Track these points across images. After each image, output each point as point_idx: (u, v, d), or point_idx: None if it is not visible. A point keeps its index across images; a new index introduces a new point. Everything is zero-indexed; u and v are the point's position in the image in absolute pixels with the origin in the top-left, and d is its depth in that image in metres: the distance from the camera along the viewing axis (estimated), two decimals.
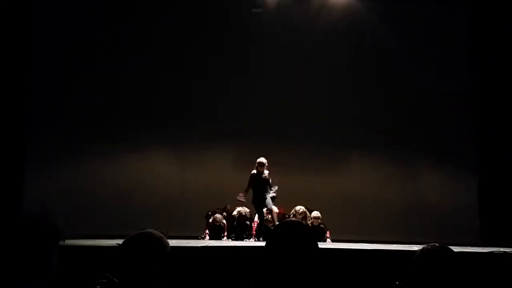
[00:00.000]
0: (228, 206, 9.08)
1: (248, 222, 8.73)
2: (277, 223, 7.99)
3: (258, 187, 8.11)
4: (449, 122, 11.08)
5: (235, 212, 8.78)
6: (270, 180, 8.33)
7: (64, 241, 2.37)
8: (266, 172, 8.24)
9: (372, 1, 11.26)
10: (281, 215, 8.85)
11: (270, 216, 8.36)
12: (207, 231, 8.60)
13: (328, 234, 8.76)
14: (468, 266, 2.54)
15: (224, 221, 8.58)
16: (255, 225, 8.64)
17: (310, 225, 8.57)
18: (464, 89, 11.20)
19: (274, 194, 8.18)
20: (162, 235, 2.26)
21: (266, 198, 8.01)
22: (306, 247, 2.18)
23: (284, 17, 11.15)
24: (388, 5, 11.29)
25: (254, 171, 8.20)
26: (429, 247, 2.50)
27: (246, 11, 11.27)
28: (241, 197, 8.20)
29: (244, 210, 8.73)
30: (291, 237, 2.19)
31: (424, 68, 11.06)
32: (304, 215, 8.61)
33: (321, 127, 10.93)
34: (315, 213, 8.73)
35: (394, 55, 11.09)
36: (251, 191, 8.20)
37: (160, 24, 11.02)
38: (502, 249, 6.51)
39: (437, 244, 2.52)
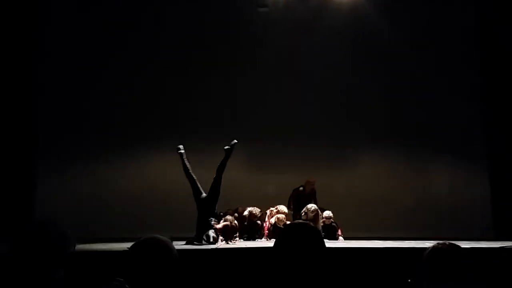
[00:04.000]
0: (240, 208, 9.07)
1: (259, 222, 8.73)
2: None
3: None
4: (459, 117, 11.01)
5: (246, 212, 8.76)
6: None
7: (74, 248, 2.40)
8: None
9: None
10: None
11: (281, 216, 8.35)
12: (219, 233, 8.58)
13: (339, 232, 8.77)
14: (478, 262, 2.54)
15: (236, 222, 8.56)
16: (267, 225, 8.64)
17: (322, 224, 8.61)
18: (473, 83, 11.13)
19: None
20: (168, 239, 2.31)
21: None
22: (314, 248, 2.19)
23: (290, 16, 11.13)
24: (394, 2, 11.24)
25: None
26: (439, 245, 2.51)
27: (252, 11, 11.26)
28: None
29: (255, 210, 8.72)
30: (298, 238, 2.20)
31: (433, 63, 11.03)
32: (316, 213, 8.59)
33: (330, 126, 10.92)
34: (327, 213, 8.75)
35: (402, 51, 11.01)
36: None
37: (165, 28, 11.04)
38: None
39: (447, 243, 2.53)
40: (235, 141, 8.03)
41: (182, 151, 8.19)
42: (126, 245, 2.38)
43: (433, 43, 11.16)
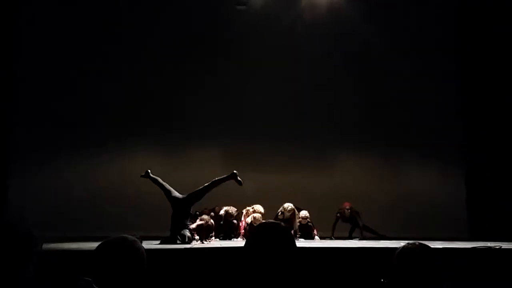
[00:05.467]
0: (217, 208, 9.03)
1: (235, 221, 8.71)
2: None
3: None
4: (435, 117, 11.13)
5: (222, 212, 8.74)
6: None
7: (41, 247, 2.36)
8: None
9: None
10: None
11: (258, 216, 8.34)
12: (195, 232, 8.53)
13: (315, 232, 8.82)
14: (451, 262, 2.56)
15: (212, 221, 8.54)
16: (243, 224, 8.62)
17: (298, 223, 8.65)
18: (449, 83, 11.27)
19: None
20: (136, 239, 2.29)
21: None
22: (284, 248, 2.18)
23: (269, 14, 11.14)
24: (375, 2, 11.34)
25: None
26: (409, 245, 2.53)
27: (230, 8, 11.26)
28: None
29: (231, 209, 8.71)
30: (269, 238, 2.20)
31: (409, 63, 11.11)
32: (292, 212, 8.63)
33: (308, 126, 10.97)
34: (303, 213, 8.79)
35: (378, 51, 11.11)
36: None
37: (145, 26, 10.97)
38: (488, 244, 6.55)
39: (417, 243, 2.55)
40: (240, 181, 7.90)
41: (143, 173, 8.32)
42: (97, 245, 2.36)
43: (411, 45, 11.25)
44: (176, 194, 7.76)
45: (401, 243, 2.62)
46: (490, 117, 10.64)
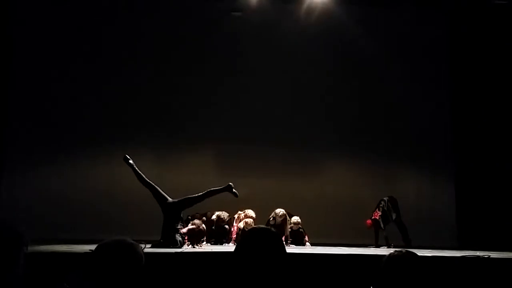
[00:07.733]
0: (209, 213, 9.02)
1: (227, 226, 8.70)
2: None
3: None
4: (426, 126, 11.22)
5: (214, 216, 8.74)
6: None
7: (27, 248, 2.35)
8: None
9: (351, 5, 11.33)
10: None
11: (249, 221, 8.35)
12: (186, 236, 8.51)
13: (306, 238, 8.82)
14: (440, 270, 2.58)
15: (204, 226, 8.53)
16: (235, 229, 8.62)
17: (290, 229, 8.65)
18: (441, 93, 11.35)
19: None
20: (135, 242, 2.29)
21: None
22: (274, 253, 2.19)
23: (264, 21, 11.18)
24: (366, 9, 11.41)
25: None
26: (396, 253, 2.54)
27: (226, 14, 11.30)
28: None
29: (223, 214, 8.70)
30: (258, 244, 2.20)
31: (402, 71, 11.22)
32: (284, 218, 8.65)
33: (300, 131, 11.01)
34: (295, 219, 8.81)
35: (371, 59, 11.20)
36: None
37: (141, 28, 10.99)
38: (477, 253, 6.58)
39: (403, 250, 2.56)
40: (236, 192, 7.82)
41: (131, 161, 7.88)
42: (89, 247, 2.36)
43: (404, 51, 11.34)
44: (169, 200, 7.71)
45: (391, 251, 2.63)
46: (480, 124, 10.72)
